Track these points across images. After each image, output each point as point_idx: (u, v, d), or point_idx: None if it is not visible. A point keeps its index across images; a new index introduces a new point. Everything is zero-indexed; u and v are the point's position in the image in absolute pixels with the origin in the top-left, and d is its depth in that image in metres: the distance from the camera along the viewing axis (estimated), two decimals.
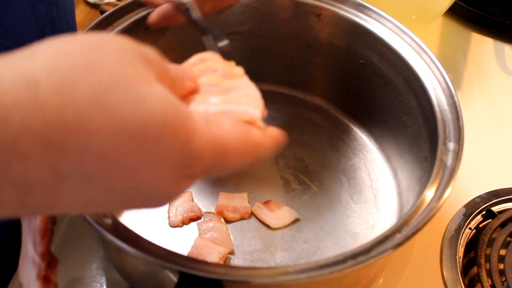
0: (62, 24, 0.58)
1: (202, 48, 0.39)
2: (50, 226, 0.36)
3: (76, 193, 0.24)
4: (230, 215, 0.53)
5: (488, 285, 0.50)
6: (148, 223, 0.52)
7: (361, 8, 0.56)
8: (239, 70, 0.35)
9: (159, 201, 0.27)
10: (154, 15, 0.47)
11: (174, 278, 0.37)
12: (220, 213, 0.53)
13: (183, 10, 0.40)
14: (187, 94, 0.32)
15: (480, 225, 0.56)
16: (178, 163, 0.25)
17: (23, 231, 0.37)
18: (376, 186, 0.57)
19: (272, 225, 0.52)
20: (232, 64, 0.35)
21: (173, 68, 0.30)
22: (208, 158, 0.27)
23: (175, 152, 0.25)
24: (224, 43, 0.32)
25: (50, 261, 0.34)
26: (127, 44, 0.26)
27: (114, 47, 0.25)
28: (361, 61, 0.59)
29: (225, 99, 0.32)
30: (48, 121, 0.22)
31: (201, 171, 0.27)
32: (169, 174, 0.26)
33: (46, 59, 0.23)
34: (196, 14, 0.37)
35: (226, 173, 0.29)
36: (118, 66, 0.24)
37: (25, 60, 0.23)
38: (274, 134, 0.31)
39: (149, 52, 0.28)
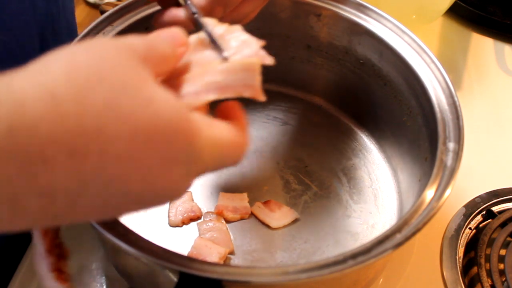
0: (61, 22, 0.58)
1: None
2: None
3: (96, 197, 0.25)
4: (230, 215, 0.53)
5: (488, 285, 0.50)
6: (148, 223, 0.52)
7: (361, 8, 0.56)
8: (237, 28, 0.36)
9: (167, 199, 0.29)
10: (164, 18, 0.44)
11: (174, 278, 0.37)
12: (220, 214, 0.53)
13: (192, 18, 0.40)
14: (180, 73, 0.33)
15: (480, 225, 0.56)
16: (185, 161, 0.27)
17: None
18: (376, 186, 0.57)
19: (272, 225, 0.52)
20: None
21: (161, 40, 0.31)
22: (207, 156, 0.29)
23: (181, 150, 0.27)
24: (226, 54, 0.34)
25: (60, 253, 0.35)
26: (121, 45, 0.28)
27: (114, 52, 0.27)
28: (361, 61, 0.59)
29: (222, 72, 0.32)
30: (71, 129, 0.23)
31: (202, 169, 0.29)
32: (177, 171, 0.27)
33: (60, 73, 0.25)
34: (204, 22, 0.37)
35: (219, 170, 0.32)
36: (123, 72, 0.26)
37: (40, 75, 0.24)
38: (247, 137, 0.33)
39: (136, 44, 0.29)
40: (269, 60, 0.33)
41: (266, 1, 0.47)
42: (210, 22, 0.37)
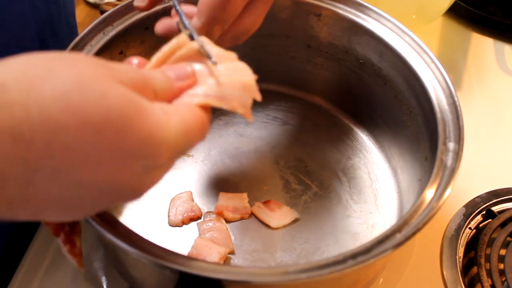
0: (61, 22, 0.58)
1: None
2: None
3: (48, 185, 0.26)
4: (230, 215, 0.53)
5: (488, 285, 0.50)
6: (148, 223, 0.52)
7: (361, 8, 0.56)
8: (232, 55, 0.36)
9: (132, 193, 0.30)
10: (160, 27, 0.45)
11: (174, 278, 0.37)
12: (220, 214, 0.53)
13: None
14: (187, 88, 0.34)
15: (480, 225, 0.56)
16: (142, 155, 0.28)
17: None
18: (376, 186, 0.57)
19: (272, 225, 0.52)
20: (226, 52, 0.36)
21: (157, 77, 0.32)
22: (173, 146, 0.29)
23: (136, 144, 0.27)
24: (214, 59, 0.35)
25: (70, 229, 0.36)
26: (96, 59, 0.29)
27: (79, 57, 0.28)
28: (361, 61, 0.59)
29: (222, 84, 0.34)
30: (16, 116, 0.24)
31: (168, 159, 0.30)
32: (134, 164, 0.28)
33: (14, 66, 0.26)
34: (196, 37, 0.38)
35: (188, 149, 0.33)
36: (80, 70, 0.27)
37: None
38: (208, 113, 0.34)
39: (119, 65, 0.30)
40: (259, 97, 0.34)
41: (266, 10, 0.45)
42: (206, 41, 0.37)
